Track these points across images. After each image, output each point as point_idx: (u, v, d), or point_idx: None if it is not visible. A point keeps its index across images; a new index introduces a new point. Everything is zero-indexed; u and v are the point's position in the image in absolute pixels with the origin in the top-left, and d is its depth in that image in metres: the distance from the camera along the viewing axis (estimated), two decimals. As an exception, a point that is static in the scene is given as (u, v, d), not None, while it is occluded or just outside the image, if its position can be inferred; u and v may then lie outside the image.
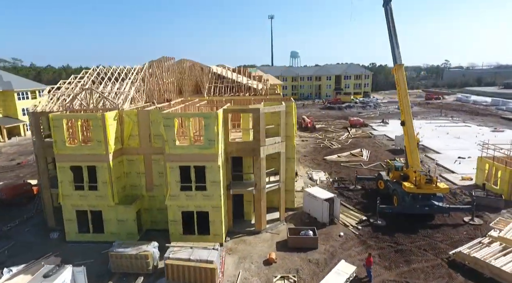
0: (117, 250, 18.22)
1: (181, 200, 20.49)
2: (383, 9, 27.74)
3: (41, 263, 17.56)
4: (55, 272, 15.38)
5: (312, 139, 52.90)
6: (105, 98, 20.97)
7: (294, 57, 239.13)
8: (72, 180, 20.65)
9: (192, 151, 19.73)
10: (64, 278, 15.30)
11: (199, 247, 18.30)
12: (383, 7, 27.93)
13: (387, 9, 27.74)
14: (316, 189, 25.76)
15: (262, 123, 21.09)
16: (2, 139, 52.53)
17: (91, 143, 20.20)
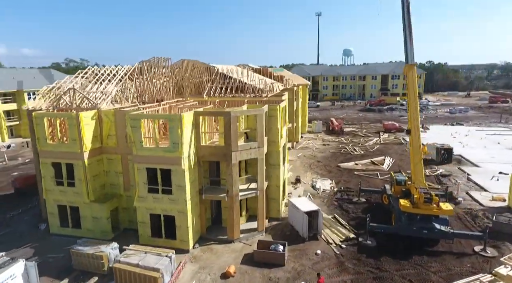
0: (77, 248, 18.58)
1: (148, 202, 20.27)
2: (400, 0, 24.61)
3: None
4: (6, 265, 16.06)
5: (335, 144, 49.71)
6: (86, 98, 21.58)
7: (347, 56, 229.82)
8: (53, 176, 21.66)
9: (158, 153, 19.35)
10: (13, 272, 15.86)
11: (153, 253, 17.84)
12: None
13: (403, 1, 24.61)
14: (301, 199, 23.76)
15: (234, 127, 19.89)
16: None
17: (68, 141, 20.90)
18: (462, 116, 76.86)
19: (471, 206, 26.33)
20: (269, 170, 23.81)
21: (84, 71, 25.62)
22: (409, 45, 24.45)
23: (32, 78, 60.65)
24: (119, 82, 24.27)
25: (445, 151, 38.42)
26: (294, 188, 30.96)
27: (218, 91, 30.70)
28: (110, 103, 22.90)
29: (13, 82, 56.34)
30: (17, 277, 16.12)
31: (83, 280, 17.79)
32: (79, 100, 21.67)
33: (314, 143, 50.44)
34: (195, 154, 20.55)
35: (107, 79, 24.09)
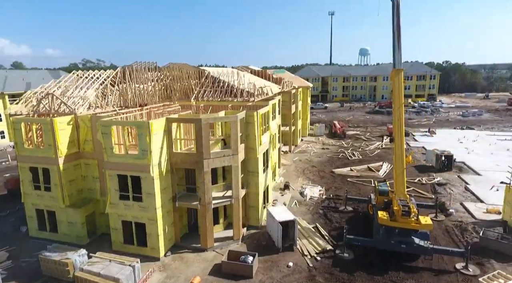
0: (45, 254, 18.68)
1: (120, 209, 20.19)
2: (390, 2, 23.68)
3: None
4: (-30, 270, 16.30)
5: (335, 148, 48.56)
6: (64, 104, 21.73)
7: (363, 55, 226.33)
8: (31, 180, 21.94)
9: (128, 160, 19.22)
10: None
11: (117, 262, 17.71)
12: (391, 0, 23.90)
13: (393, 2, 23.65)
14: (280, 208, 23.11)
15: (205, 134, 19.52)
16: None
17: (43, 146, 21.09)
18: (475, 119, 73.76)
19: (463, 218, 24.95)
20: (247, 177, 23.32)
21: (68, 75, 25.87)
22: (397, 50, 23.50)
23: (41, 80, 62.08)
24: (99, 87, 24.34)
25: (445, 157, 36.75)
26: (282, 194, 30.31)
27: (207, 94, 30.41)
28: (90, 108, 22.97)
29: (22, 83, 58.07)
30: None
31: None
32: (58, 105, 21.82)
33: (313, 146, 49.47)
34: (168, 160, 20.31)
35: (88, 84, 24.21)
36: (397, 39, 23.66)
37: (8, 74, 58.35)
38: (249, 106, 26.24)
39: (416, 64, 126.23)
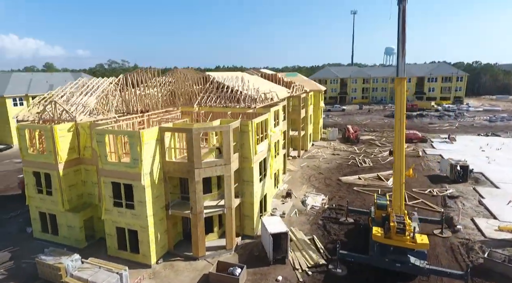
0: (41, 257, 19.37)
1: (114, 216, 20.61)
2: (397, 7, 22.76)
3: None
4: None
5: (346, 154, 47.34)
6: (65, 111, 22.47)
7: (389, 54, 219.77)
8: (35, 184, 22.86)
9: (121, 168, 19.57)
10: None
11: (106, 269, 18.06)
12: (397, 5, 23.01)
13: (399, 7, 22.73)
14: (274, 219, 22.70)
15: (196, 144, 19.53)
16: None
17: (45, 152, 21.89)
18: (503, 125, 69.57)
19: (471, 235, 23.48)
20: (242, 186, 23.13)
21: (75, 82, 26.75)
22: (401, 58, 22.55)
23: (63, 82, 64.77)
24: (101, 94, 24.97)
25: (461, 168, 34.79)
26: (283, 202, 29.87)
27: (209, 100, 30.46)
28: (92, 115, 23.62)
29: (45, 86, 60.83)
30: (-22, 283, 17.16)
31: (43, 289, 18.52)
32: (60, 112, 22.60)
33: (324, 151, 48.47)
34: (161, 169, 20.49)
35: (91, 90, 24.91)
36: (402, 45, 22.76)
37: (33, 77, 61.37)
38: (248, 114, 26.03)
39: (442, 65, 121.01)
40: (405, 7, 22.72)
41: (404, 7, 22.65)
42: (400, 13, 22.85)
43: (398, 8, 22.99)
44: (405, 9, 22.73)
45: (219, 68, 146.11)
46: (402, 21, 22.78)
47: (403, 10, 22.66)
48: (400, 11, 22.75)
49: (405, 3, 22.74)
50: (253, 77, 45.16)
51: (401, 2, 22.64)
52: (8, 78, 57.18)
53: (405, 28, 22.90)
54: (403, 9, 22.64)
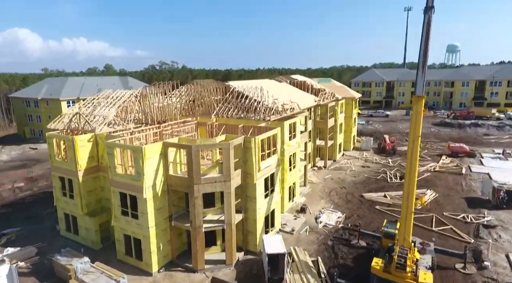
0: (56, 257, 21.33)
1: (122, 223, 21.92)
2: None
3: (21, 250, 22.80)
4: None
5: (378, 167, 44.65)
6: (87, 122, 24.42)
7: (451, 52, 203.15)
8: (60, 187, 25.22)
9: (127, 180, 20.74)
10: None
11: (106, 274, 19.31)
12: (423, 14, 21.35)
13: (425, 17, 21.02)
14: (275, 237, 22.23)
15: (196, 160, 19.94)
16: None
17: (68, 160, 24.02)
18: None
19: (500, 275, 20.71)
20: (246, 202, 23.09)
21: (101, 94, 28.92)
22: (420, 74, 20.76)
23: (111, 85, 70.54)
24: (122, 104, 26.67)
25: (506, 192, 30.81)
26: (296, 217, 29.16)
27: (226, 112, 30.83)
28: (110, 125, 25.35)
29: (95, 89, 66.53)
30: (1, 277, 19.41)
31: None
32: (83, 123, 24.62)
33: (353, 163, 46.25)
34: (164, 182, 21.29)
35: (112, 103, 26.73)
36: (423, 60, 21.00)
37: (85, 81, 67.61)
38: (259, 128, 25.82)
39: (508, 66, 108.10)
40: (430, 17, 20.84)
41: (429, 17, 20.80)
42: (424, 24, 21.05)
43: (424, 17, 21.20)
44: (430, 19, 20.86)
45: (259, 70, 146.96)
46: (426, 33, 20.96)
47: (428, 21, 20.82)
48: (425, 21, 20.95)
49: (431, 13, 20.85)
50: (280, 85, 44.77)
51: (427, 12, 20.83)
52: (64, 83, 63.75)
53: (429, 41, 21.03)
54: (428, 19, 20.80)
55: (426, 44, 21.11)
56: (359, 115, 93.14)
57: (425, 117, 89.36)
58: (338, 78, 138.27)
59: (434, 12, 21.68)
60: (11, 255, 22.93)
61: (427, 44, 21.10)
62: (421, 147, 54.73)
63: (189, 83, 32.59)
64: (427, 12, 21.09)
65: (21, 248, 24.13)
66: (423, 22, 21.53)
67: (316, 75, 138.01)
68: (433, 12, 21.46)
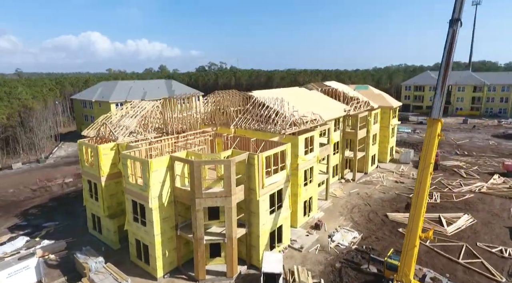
0: (77, 254, 23.67)
1: (134, 228, 23.56)
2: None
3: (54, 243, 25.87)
4: (25, 258, 22.36)
5: (413, 183, 41.33)
6: (112, 132, 26.62)
7: None
8: (88, 189, 27.86)
9: (137, 189, 22.24)
10: (27, 264, 21.99)
11: (114, 276, 20.95)
12: (448, 27, 19.72)
13: (449, 31, 19.39)
14: (275, 256, 21.97)
15: (197, 175, 20.64)
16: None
17: (94, 166, 26.42)
18: None
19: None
20: (249, 217, 23.25)
21: (129, 104, 31.20)
22: (438, 97, 18.94)
23: (156, 89, 75.47)
24: (145, 114, 28.53)
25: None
26: (308, 234, 28.48)
27: (245, 122, 31.19)
28: (132, 135, 27.28)
29: (141, 92, 71.68)
30: (30, 268, 22.18)
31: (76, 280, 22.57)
32: (108, 132, 26.90)
33: (387, 177, 43.49)
34: (171, 193, 22.38)
35: (136, 113, 28.72)
36: (443, 78, 19.15)
37: (133, 85, 73.12)
38: (271, 143, 25.71)
39: None
40: (455, 31, 18.97)
41: (454, 31, 18.96)
42: (448, 38, 19.30)
43: (448, 31, 19.43)
44: (455, 34, 19.00)
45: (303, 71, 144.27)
46: (449, 48, 19.17)
47: (453, 35, 19.01)
48: (449, 35, 19.18)
49: (457, 27, 18.97)
50: (309, 93, 43.90)
51: (452, 25, 19.03)
52: (115, 86, 69.74)
53: (451, 58, 19.17)
54: (452, 33, 18.99)
55: (447, 61, 19.31)
56: (406, 122, 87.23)
57: (486, 127, 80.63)
58: (388, 81, 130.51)
59: (462, 26, 19.73)
60: (45, 247, 26.00)
61: (449, 61, 19.28)
62: (471, 163, 49.62)
63: (212, 94, 33.51)
64: (452, 25, 19.22)
65: (55, 242, 27.21)
66: (447, 36, 19.70)
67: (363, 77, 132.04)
68: (460, 26, 19.50)
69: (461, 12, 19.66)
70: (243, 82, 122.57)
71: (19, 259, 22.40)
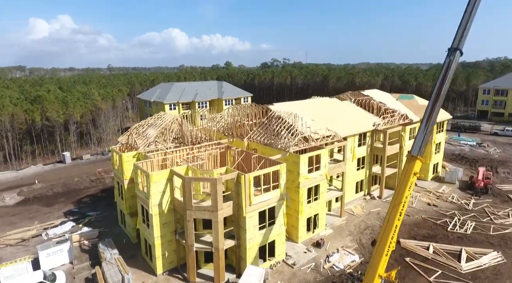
0: (99, 244, 28.27)
1: (142, 228, 27.19)
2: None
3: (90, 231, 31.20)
4: (61, 242, 27.65)
5: (449, 207, 37.78)
6: (135, 141, 30.62)
7: None
8: (117, 188, 32.57)
9: (143, 196, 25.62)
10: (61, 248, 27.23)
11: (120, 269, 24.70)
12: (446, 56, 18.84)
13: (445, 62, 18.57)
14: (257, 271, 23.05)
15: (188, 190, 22.99)
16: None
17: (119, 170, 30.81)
18: None
19: None
20: (238, 230, 24.83)
21: (156, 114, 35.09)
22: (422, 131, 18.05)
23: (208, 90, 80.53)
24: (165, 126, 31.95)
25: None
26: (306, 251, 28.81)
27: (257, 136, 32.50)
28: (151, 144, 30.93)
29: (192, 94, 77.31)
30: (63, 251, 27.41)
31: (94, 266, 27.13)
32: (133, 141, 31.01)
33: (420, 198, 40.29)
34: (171, 202, 25.22)
35: (157, 124, 32.32)
36: (430, 112, 18.10)
37: (186, 86, 79.25)
38: (270, 161, 26.71)
39: None
40: (452, 61, 17.76)
41: (451, 61, 17.78)
42: (443, 67, 18.21)
43: (445, 59, 18.29)
44: (451, 63, 17.80)
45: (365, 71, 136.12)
46: (442, 78, 18.04)
47: (449, 65, 17.86)
48: (445, 64, 18.09)
49: (454, 58, 17.75)
50: (339, 104, 42.86)
51: (449, 55, 17.91)
52: (170, 88, 76.68)
53: (443, 88, 17.98)
54: (448, 63, 17.85)
55: (438, 92, 18.07)
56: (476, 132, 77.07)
57: None
58: (465, 82, 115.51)
59: (462, 55, 18.21)
60: (82, 234, 31.46)
61: (440, 92, 17.99)
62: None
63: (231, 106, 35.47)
64: (450, 55, 17.92)
65: (91, 230, 32.65)
66: (443, 64, 18.39)
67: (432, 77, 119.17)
68: (460, 55, 18.05)
69: (463, 42, 18.06)
70: (299, 82, 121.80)
71: (57, 243, 27.83)
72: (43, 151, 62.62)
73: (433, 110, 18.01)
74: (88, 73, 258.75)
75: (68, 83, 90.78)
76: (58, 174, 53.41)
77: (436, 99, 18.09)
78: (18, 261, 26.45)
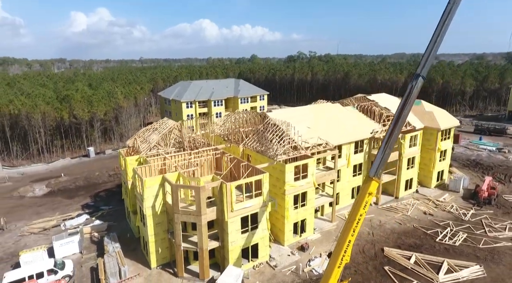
0: (104, 238, 31.85)
1: (140, 226, 30.33)
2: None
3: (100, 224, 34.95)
4: (73, 234, 31.53)
5: (445, 217, 37.72)
6: (139, 146, 33.68)
7: None
8: (124, 187, 36.02)
9: (139, 197, 28.60)
10: (72, 239, 31.09)
11: (118, 261, 28.01)
12: (410, 82, 19.75)
13: (408, 86, 19.51)
14: (236, 271, 25.31)
15: (175, 196, 25.57)
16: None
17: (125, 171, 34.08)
18: None
19: None
20: (222, 233, 27.15)
21: (161, 120, 37.95)
22: (380, 153, 19.08)
23: (224, 88, 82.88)
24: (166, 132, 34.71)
25: None
26: (291, 254, 30.61)
27: (252, 143, 34.38)
28: (153, 149, 33.85)
29: (209, 92, 79.92)
30: (74, 242, 31.28)
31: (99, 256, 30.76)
32: (137, 145, 34.11)
33: (418, 206, 40.35)
34: (163, 205, 27.99)
35: (159, 130, 35.14)
36: (389, 135, 19.10)
37: (203, 85, 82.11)
38: (256, 170, 28.56)
39: None
40: (413, 87, 18.56)
41: (412, 87, 18.61)
42: (406, 93, 19.09)
43: (409, 84, 19.10)
44: (413, 89, 18.60)
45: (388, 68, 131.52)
46: (403, 102, 18.91)
47: (410, 91, 18.73)
48: (408, 90, 18.93)
49: (417, 84, 18.46)
50: (340, 111, 43.42)
51: (411, 82, 18.74)
52: (188, 86, 79.93)
53: (403, 114, 18.84)
54: (411, 89, 18.70)
55: (399, 115, 18.85)
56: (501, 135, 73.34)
57: None
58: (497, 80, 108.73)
59: (424, 81, 18.90)
60: (93, 226, 35.35)
61: (401, 115, 18.78)
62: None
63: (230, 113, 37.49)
64: (413, 80, 18.68)
65: (102, 223, 36.53)
66: (407, 90, 19.14)
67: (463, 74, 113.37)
68: (422, 82, 18.70)
69: (426, 69, 18.69)
70: (320, 78, 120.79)
71: (69, 234, 31.76)
72: (71, 145, 68.56)
73: (392, 134, 18.86)
74: (122, 65, 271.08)
75: (97, 80, 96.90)
76: (82, 168, 58.66)
77: (396, 123, 18.93)
78: (36, 249, 30.61)
